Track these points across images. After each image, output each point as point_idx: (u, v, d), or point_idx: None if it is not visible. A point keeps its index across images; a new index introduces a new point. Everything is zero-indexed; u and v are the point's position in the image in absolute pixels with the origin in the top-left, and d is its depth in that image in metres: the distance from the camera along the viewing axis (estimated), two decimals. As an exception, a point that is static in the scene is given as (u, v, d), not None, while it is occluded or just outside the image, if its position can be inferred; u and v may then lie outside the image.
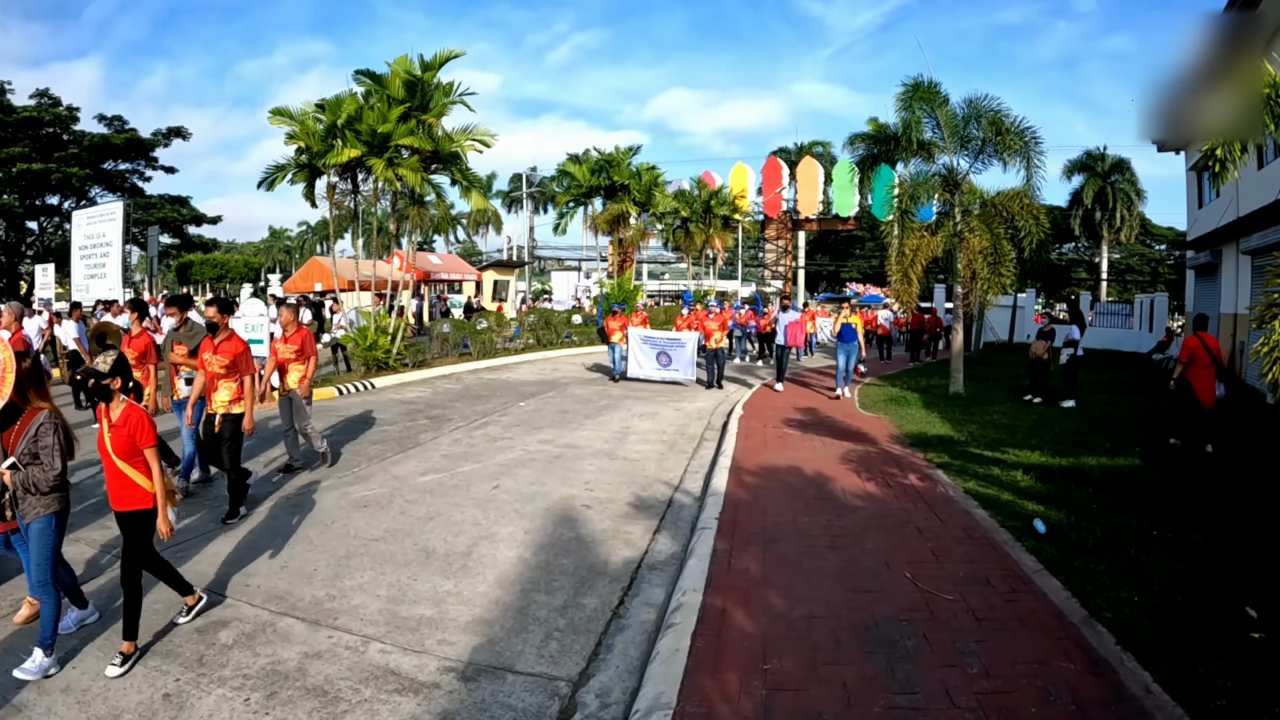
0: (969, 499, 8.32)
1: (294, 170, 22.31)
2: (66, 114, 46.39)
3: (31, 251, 47.58)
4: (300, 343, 9.88)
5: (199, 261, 56.05)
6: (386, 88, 21.38)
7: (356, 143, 20.57)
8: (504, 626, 5.52)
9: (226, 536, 7.45)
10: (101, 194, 46.95)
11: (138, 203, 46.45)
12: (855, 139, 32.93)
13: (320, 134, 21.12)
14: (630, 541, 7.38)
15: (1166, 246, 66.93)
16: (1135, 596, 5.51)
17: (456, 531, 7.60)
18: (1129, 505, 7.81)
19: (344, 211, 24.43)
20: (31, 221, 47.80)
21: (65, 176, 43.15)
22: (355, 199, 23.96)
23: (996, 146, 15.82)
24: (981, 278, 16.05)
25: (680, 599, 5.69)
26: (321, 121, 21.35)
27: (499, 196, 73.66)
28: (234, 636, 5.32)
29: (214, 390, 8.09)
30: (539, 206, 72.56)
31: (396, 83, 21.26)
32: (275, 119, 21.42)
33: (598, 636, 5.41)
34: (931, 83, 16.12)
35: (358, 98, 21.54)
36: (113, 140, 46.87)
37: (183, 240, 53.57)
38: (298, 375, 9.83)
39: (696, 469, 10.44)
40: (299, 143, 21.45)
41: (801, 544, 6.89)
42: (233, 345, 8.12)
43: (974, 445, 11.14)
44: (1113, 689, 4.31)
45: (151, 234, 36.09)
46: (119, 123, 48.61)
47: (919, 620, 5.25)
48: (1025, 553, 6.53)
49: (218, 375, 8.04)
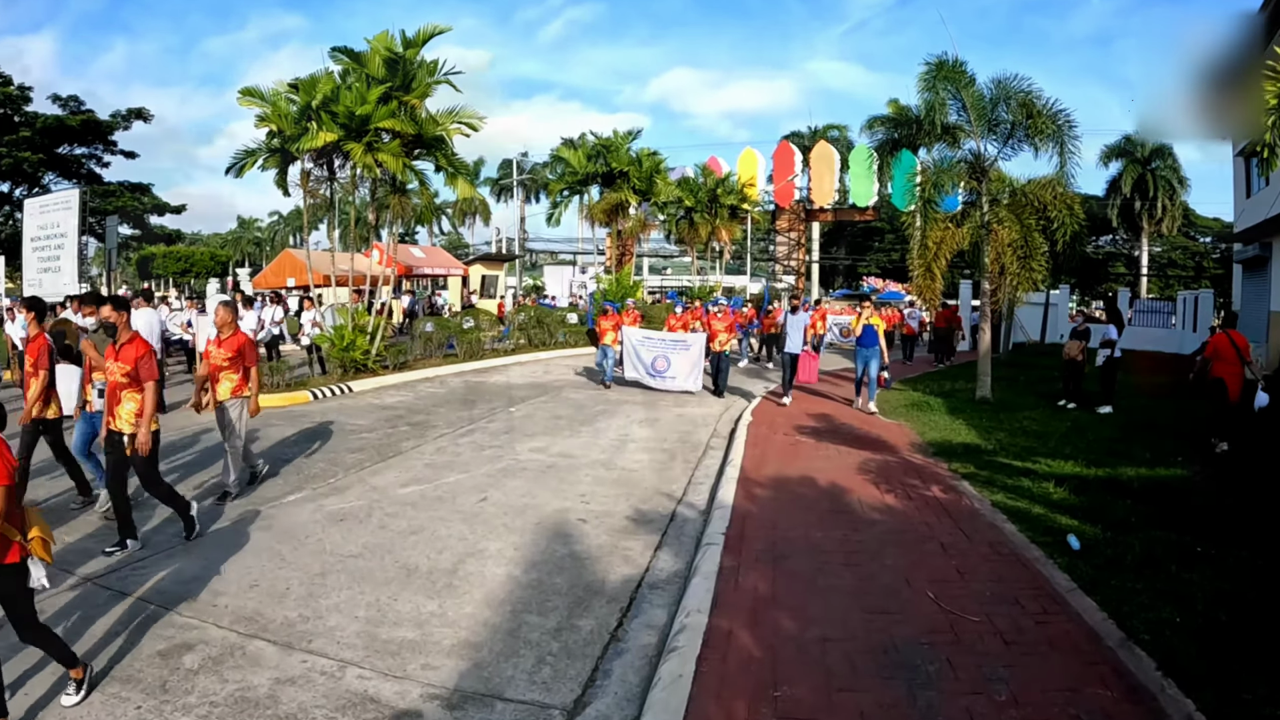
0: (997, 512, 8.34)
1: (265, 155, 22.28)
2: (18, 94, 46.33)
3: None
4: (236, 348, 9.37)
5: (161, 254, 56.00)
6: (365, 66, 21.35)
7: (333, 125, 20.55)
8: (492, 650, 5.52)
9: (191, 552, 7.45)
10: (56, 181, 46.99)
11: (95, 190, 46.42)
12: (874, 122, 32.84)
13: (294, 116, 21.09)
14: (629, 558, 7.39)
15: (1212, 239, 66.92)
16: (1176, 617, 5.52)
17: (441, 547, 7.61)
18: (1170, 518, 7.83)
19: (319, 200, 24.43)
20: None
21: (16, 161, 43.16)
22: (331, 186, 23.93)
23: (1027, 130, 15.81)
24: (1011, 273, 16.07)
25: (684, 620, 5.69)
26: (295, 103, 21.31)
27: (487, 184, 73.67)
28: (200, 660, 5.30)
29: (116, 403, 7.55)
30: (530, 195, 72.50)
31: (376, 61, 21.23)
32: (245, 100, 21.39)
33: (594, 661, 5.40)
34: (956, 61, 16.12)
35: (334, 77, 21.52)
36: (68, 122, 46.86)
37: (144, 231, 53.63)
38: (230, 386, 9.32)
39: (701, 480, 10.45)
40: (270, 125, 21.41)
41: (815, 561, 6.91)
42: (135, 349, 7.56)
43: (1002, 454, 11.16)
44: (1152, 718, 4.32)
45: (110, 224, 36.03)
46: (75, 103, 48.63)
47: (942, 643, 5.26)
48: (1058, 570, 6.54)
49: (120, 385, 7.52)
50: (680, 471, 10.87)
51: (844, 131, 57.78)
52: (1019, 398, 16.80)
